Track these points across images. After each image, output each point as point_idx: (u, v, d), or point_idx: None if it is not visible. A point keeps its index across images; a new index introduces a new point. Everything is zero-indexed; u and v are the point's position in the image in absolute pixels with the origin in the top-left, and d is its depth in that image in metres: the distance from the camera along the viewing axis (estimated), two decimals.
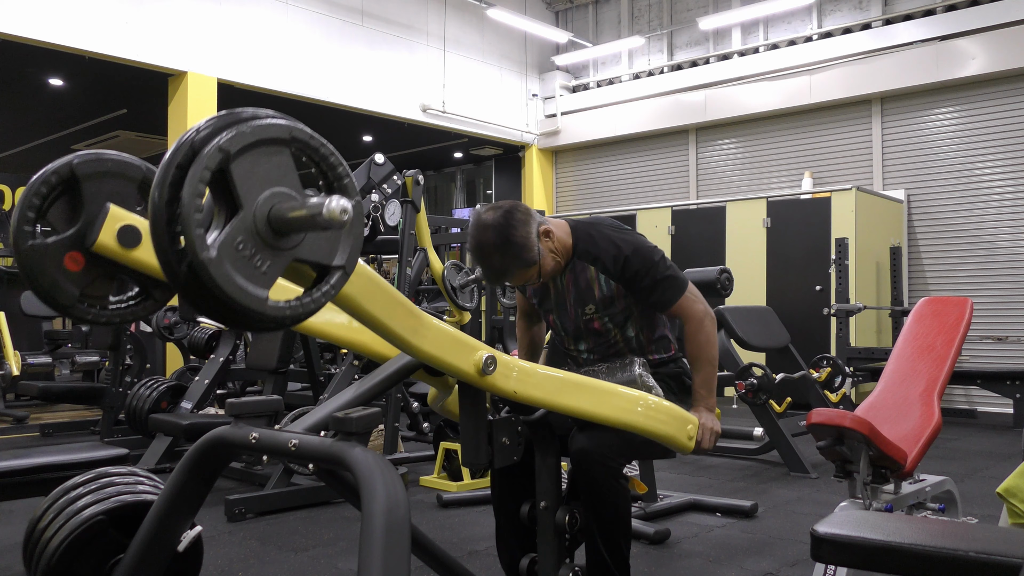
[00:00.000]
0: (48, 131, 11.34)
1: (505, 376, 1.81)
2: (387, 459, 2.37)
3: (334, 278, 1.34)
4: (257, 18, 8.36)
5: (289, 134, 1.30)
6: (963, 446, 6.03)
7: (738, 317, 5.24)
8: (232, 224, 1.24)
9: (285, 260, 1.29)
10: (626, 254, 2.35)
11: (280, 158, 1.30)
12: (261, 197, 1.26)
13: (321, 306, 1.33)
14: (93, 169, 1.69)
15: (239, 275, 1.23)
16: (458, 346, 1.74)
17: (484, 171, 13.12)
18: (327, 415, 1.86)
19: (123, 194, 1.72)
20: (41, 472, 2.44)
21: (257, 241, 1.26)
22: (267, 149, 1.28)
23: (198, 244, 1.19)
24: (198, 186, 1.20)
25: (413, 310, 1.63)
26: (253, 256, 1.25)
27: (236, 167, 1.24)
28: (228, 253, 1.22)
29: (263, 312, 1.26)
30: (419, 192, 5.09)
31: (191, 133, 1.25)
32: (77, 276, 1.65)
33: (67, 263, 1.64)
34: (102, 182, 1.69)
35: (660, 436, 2.11)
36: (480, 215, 2.27)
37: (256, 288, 1.25)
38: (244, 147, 1.25)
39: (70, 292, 1.64)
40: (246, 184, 1.25)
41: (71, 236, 1.65)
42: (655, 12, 10.79)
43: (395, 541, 1.39)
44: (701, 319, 2.35)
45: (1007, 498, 1.94)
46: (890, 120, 8.79)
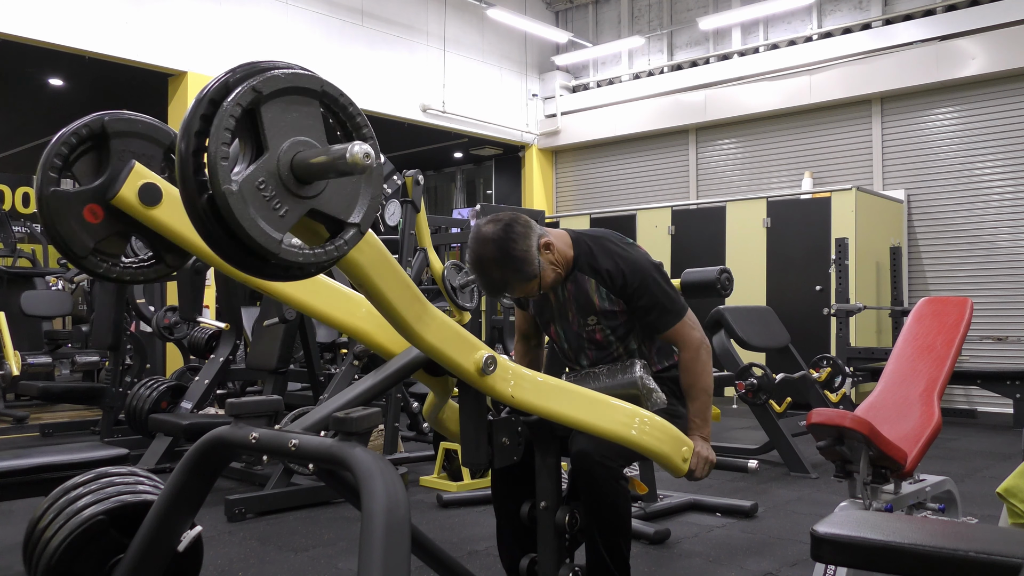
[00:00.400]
0: (48, 131, 11.31)
1: (503, 380, 1.81)
2: (387, 459, 2.37)
3: (348, 234, 1.35)
4: (257, 18, 8.36)
5: (320, 86, 1.34)
6: (963, 446, 6.03)
7: (738, 317, 5.24)
8: (256, 164, 1.26)
9: (303, 208, 1.31)
10: (624, 271, 2.32)
11: (309, 108, 1.33)
12: (286, 143, 1.28)
13: (334, 260, 1.35)
14: (124, 127, 1.72)
15: (258, 214, 1.24)
16: (460, 342, 1.74)
17: (484, 171, 13.12)
18: (327, 415, 1.86)
19: (150, 156, 1.75)
20: (41, 472, 2.44)
21: (279, 184, 1.28)
22: (298, 98, 1.31)
23: (221, 175, 1.20)
24: (228, 119, 1.22)
25: (420, 297, 1.64)
26: (273, 198, 1.27)
27: (266, 110, 1.27)
28: (249, 190, 1.24)
29: (277, 254, 1.27)
30: (419, 192, 5.09)
31: (227, 73, 1.28)
32: (94, 228, 1.67)
33: (86, 214, 1.66)
34: (130, 141, 1.72)
35: (654, 454, 2.10)
36: (480, 228, 2.23)
37: (272, 229, 1.26)
38: (276, 91, 1.28)
39: (85, 243, 1.66)
40: (274, 128, 1.28)
41: (94, 188, 1.67)
42: (655, 12, 10.79)
43: (395, 541, 1.39)
44: (697, 348, 2.33)
45: (1007, 498, 1.94)
46: (890, 120, 8.79)
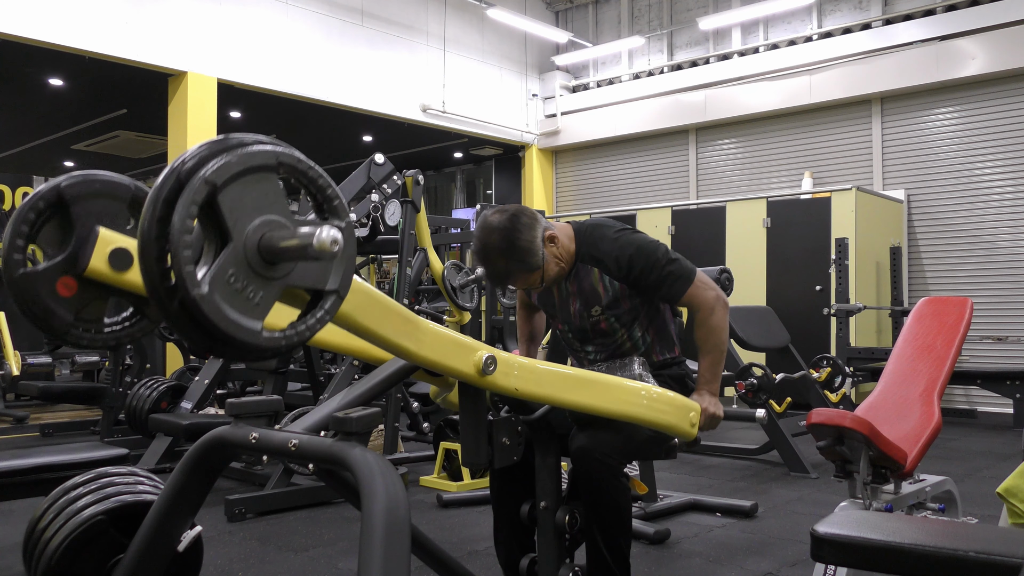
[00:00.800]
0: (48, 131, 11.34)
1: (506, 374, 1.80)
2: (387, 459, 2.37)
3: (328, 303, 1.32)
4: (257, 18, 8.36)
5: (276, 160, 1.27)
6: (963, 446, 6.03)
7: (738, 317, 5.24)
8: (222, 256, 1.21)
9: (277, 289, 1.27)
10: (629, 254, 2.35)
11: (268, 185, 1.27)
12: (251, 226, 1.23)
13: (316, 332, 1.32)
14: (81, 191, 1.65)
15: (232, 309, 1.21)
16: (457, 348, 1.73)
17: (484, 171, 13.12)
18: (327, 415, 1.86)
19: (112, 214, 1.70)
20: (41, 472, 2.44)
21: (248, 272, 1.24)
22: (254, 177, 1.25)
23: (189, 281, 1.17)
24: (186, 222, 1.17)
25: (409, 317, 1.62)
26: (245, 288, 1.23)
27: (224, 198, 1.21)
28: (220, 287, 1.20)
29: (258, 344, 1.24)
30: (419, 192, 5.09)
31: (177, 164, 1.22)
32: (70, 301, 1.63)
33: (60, 289, 1.61)
34: (91, 203, 1.66)
35: (663, 426, 2.11)
36: (487, 218, 2.28)
37: (250, 320, 1.23)
38: (231, 177, 1.21)
39: (64, 318, 1.61)
40: (235, 214, 1.22)
41: (62, 261, 1.62)
42: (655, 12, 10.79)
43: (395, 541, 1.39)
44: (712, 306, 2.35)
45: (1007, 498, 1.94)
46: (890, 120, 8.79)
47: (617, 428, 2.19)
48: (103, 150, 12.28)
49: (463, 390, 1.92)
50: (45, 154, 12.77)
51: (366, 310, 1.53)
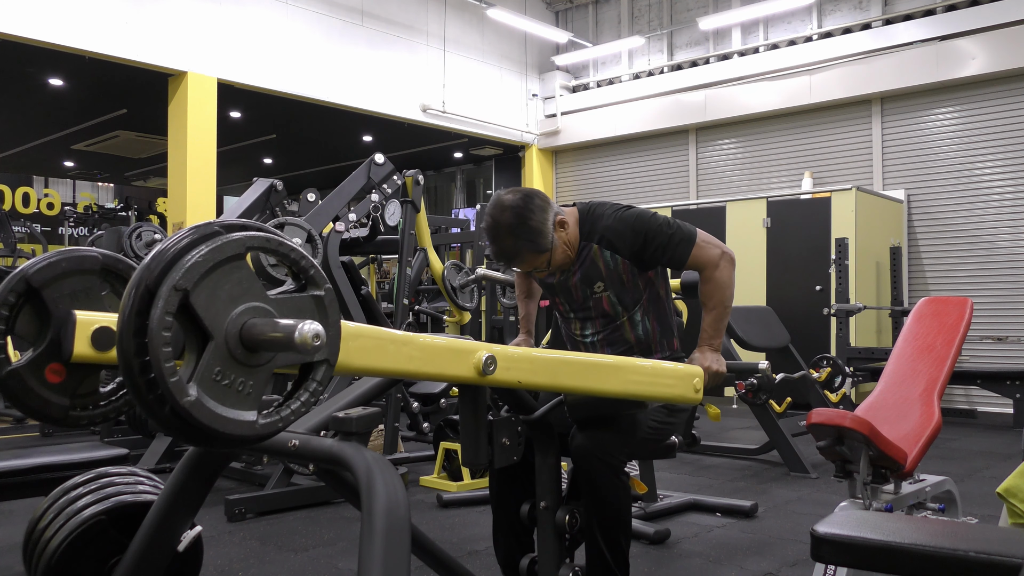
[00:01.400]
0: (48, 131, 11.34)
1: (507, 369, 1.80)
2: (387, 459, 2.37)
3: (319, 373, 1.30)
4: (257, 18, 8.36)
5: (244, 247, 1.24)
6: (963, 446, 6.03)
7: (738, 317, 5.24)
8: (206, 356, 1.20)
9: (266, 374, 1.26)
10: (631, 224, 2.37)
11: (240, 273, 1.24)
12: (229, 319, 1.21)
13: (312, 406, 1.31)
14: (48, 275, 1.63)
15: (223, 405, 1.20)
16: (455, 355, 1.71)
17: (484, 171, 13.13)
18: (327, 415, 1.86)
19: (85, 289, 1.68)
20: (41, 472, 2.44)
21: (233, 365, 1.22)
22: (225, 269, 1.22)
23: (176, 391, 1.15)
24: (163, 334, 1.15)
25: (401, 340, 1.58)
26: (234, 382, 1.22)
27: (197, 299, 1.18)
28: (208, 387, 1.18)
29: (255, 434, 1.23)
30: (419, 192, 5.09)
31: (143, 273, 1.19)
32: (62, 386, 1.61)
33: (49, 377, 1.60)
34: (61, 285, 1.65)
35: (669, 398, 2.10)
36: (500, 196, 2.31)
37: (243, 412, 1.22)
38: (200, 277, 1.18)
39: (60, 404, 1.60)
40: (211, 312, 1.20)
41: (45, 349, 1.60)
42: (655, 12, 10.79)
43: (395, 541, 1.39)
44: (716, 263, 2.35)
45: (1007, 498, 1.94)
46: (890, 120, 8.79)
47: (617, 427, 2.19)
48: (103, 150, 12.28)
49: (463, 390, 1.92)
50: (45, 154, 12.77)
51: (358, 354, 1.49)
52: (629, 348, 2.43)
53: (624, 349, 2.44)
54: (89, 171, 14.30)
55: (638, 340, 2.44)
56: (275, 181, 4.89)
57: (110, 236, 6.32)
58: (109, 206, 13.47)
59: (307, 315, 1.29)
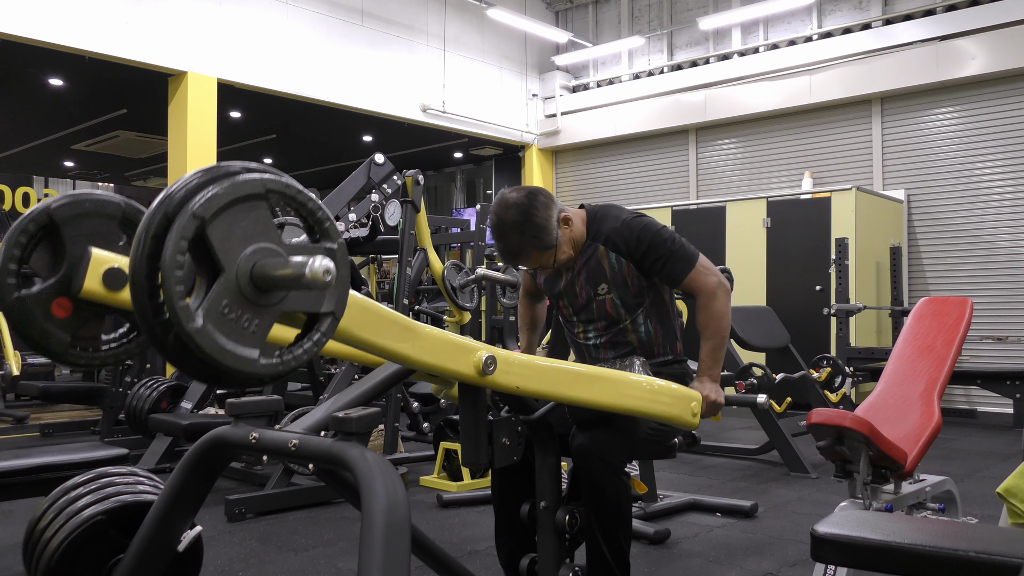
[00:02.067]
0: (48, 131, 11.34)
1: (506, 372, 1.80)
2: (387, 459, 2.37)
3: (325, 325, 1.32)
4: (257, 18, 8.36)
5: (264, 188, 1.26)
6: (963, 446, 6.03)
7: (738, 317, 5.24)
8: (215, 288, 1.21)
9: (272, 315, 1.27)
10: (637, 231, 2.38)
11: (257, 213, 1.26)
12: (242, 256, 1.23)
13: (314, 354, 1.32)
14: (71, 212, 1.65)
15: (228, 339, 1.21)
16: (456, 350, 1.73)
17: (484, 171, 13.13)
18: (327, 415, 1.86)
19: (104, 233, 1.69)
20: (41, 472, 2.44)
21: (242, 301, 1.23)
22: (243, 206, 1.24)
23: (182, 316, 1.16)
24: (176, 257, 1.16)
25: (406, 324, 1.61)
26: (240, 317, 1.23)
27: (213, 230, 1.20)
28: (214, 319, 1.20)
29: (256, 372, 1.24)
30: (419, 192, 5.09)
31: (164, 198, 1.22)
32: (66, 322, 1.62)
33: (55, 310, 1.61)
34: (81, 224, 1.66)
35: (665, 418, 2.11)
36: (505, 194, 2.33)
37: (246, 349, 1.23)
38: (219, 209, 1.21)
39: (61, 339, 1.61)
40: (226, 246, 1.22)
41: (56, 283, 1.61)
42: (655, 12, 10.79)
43: (395, 541, 1.39)
44: (713, 291, 2.36)
45: (1007, 498, 1.94)
46: (890, 120, 8.79)
47: (617, 427, 2.19)
48: (103, 150, 12.28)
49: (463, 390, 1.92)
50: (45, 154, 12.76)
51: (363, 323, 1.52)
52: (632, 350, 2.44)
53: (627, 351, 2.44)
54: (89, 171, 14.29)
55: (640, 342, 2.45)
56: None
57: None
58: None
59: None
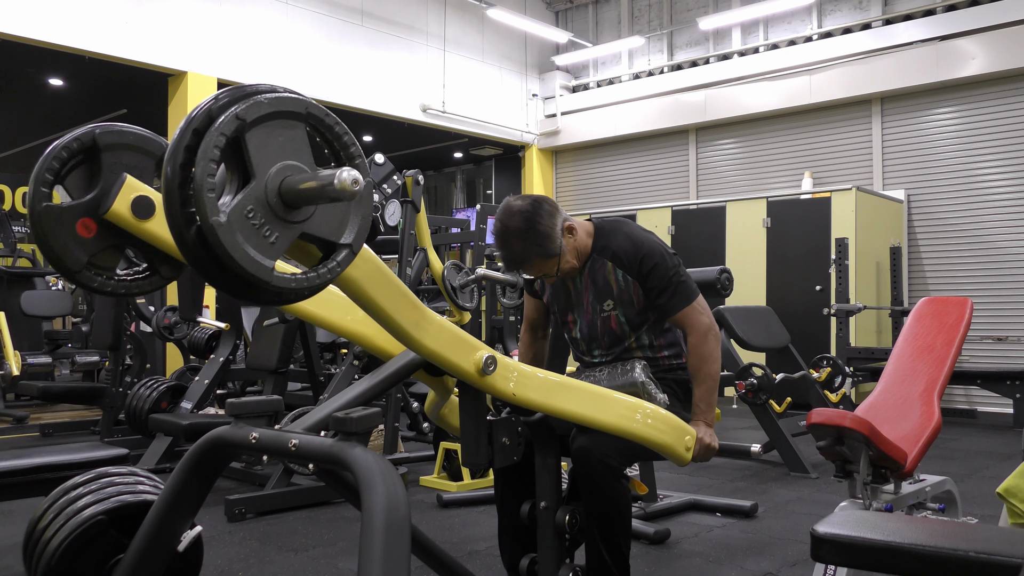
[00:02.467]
0: (48, 131, 11.34)
1: (504, 378, 1.81)
2: (387, 459, 2.37)
3: (341, 255, 1.35)
4: (257, 18, 8.36)
5: (305, 108, 1.32)
6: (963, 446, 6.03)
7: (738, 317, 5.24)
8: (244, 192, 1.25)
9: (294, 233, 1.31)
10: (644, 252, 2.38)
11: (295, 132, 1.31)
12: (274, 168, 1.27)
13: (327, 282, 1.35)
14: (114, 140, 1.71)
15: (247, 243, 1.24)
16: (459, 344, 1.74)
17: (484, 171, 13.12)
18: (327, 415, 1.86)
19: (141, 168, 1.74)
20: (41, 472, 2.44)
21: (267, 211, 1.27)
22: (283, 122, 1.29)
23: (209, 208, 1.20)
24: (213, 151, 1.21)
25: (416, 303, 1.64)
26: (263, 226, 1.27)
27: (251, 136, 1.25)
28: (238, 220, 1.23)
29: (269, 282, 1.27)
30: (419, 192, 5.09)
31: (209, 100, 1.27)
32: (88, 242, 1.67)
33: (79, 228, 1.65)
34: (122, 154, 1.72)
35: (657, 445, 2.12)
36: (509, 202, 2.34)
37: (263, 258, 1.26)
38: (260, 117, 1.26)
39: (78, 257, 1.65)
40: (260, 154, 1.27)
41: (86, 203, 1.67)
42: (655, 12, 10.79)
43: (395, 541, 1.39)
44: (705, 333, 2.36)
45: (1007, 498, 1.94)
46: (890, 120, 8.79)
47: None
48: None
49: (463, 389, 1.92)
50: None
51: (376, 283, 1.55)
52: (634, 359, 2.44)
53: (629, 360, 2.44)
54: None
55: (644, 353, 2.46)
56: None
57: None
58: None
59: None
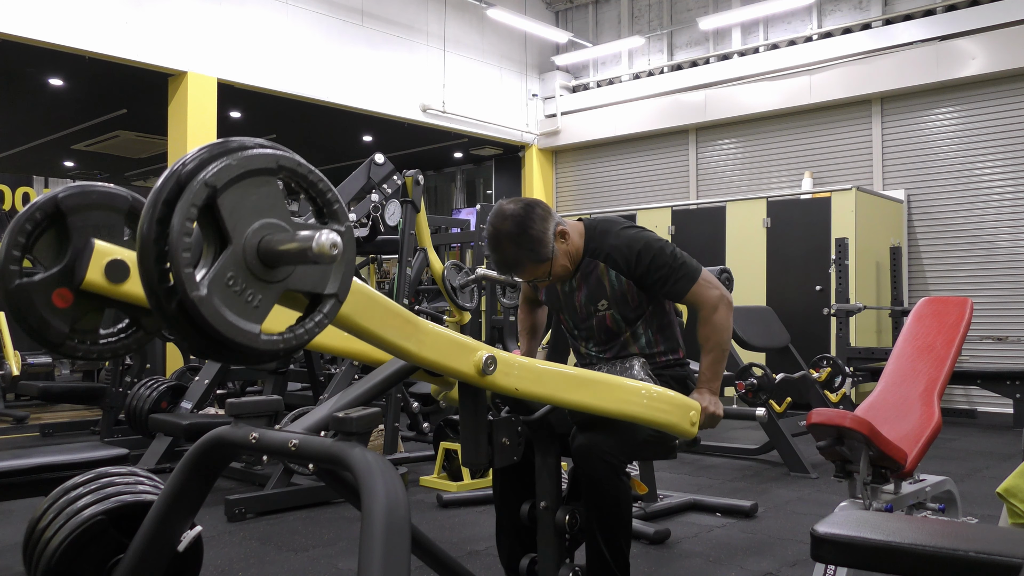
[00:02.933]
0: (48, 131, 11.34)
1: (506, 374, 1.80)
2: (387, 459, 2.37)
3: (327, 306, 1.32)
4: (257, 18, 8.36)
5: (276, 163, 1.27)
6: (963, 446, 6.03)
7: (738, 317, 5.23)
8: (222, 259, 1.22)
9: (276, 292, 1.28)
10: (638, 249, 2.37)
11: (268, 188, 1.27)
12: (250, 229, 1.24)
13: (315, 336, 1.32)
14: (78, 202, 1.65)
15: (230, 311, 1.21)
16: (457, 349, 1.73)
17: (484, 171, 13.12)
18: (327, 415, 1.86)
19: (110, 225, 1.70)
20: (41, 472, 2.44)
21: (247, 275, 1.24)
22: (254, 180, 1.25)
23: (187, 283, 1.17)
24: (185, 224, 1.17)
25: (409, 318, 1.62)
26: (244, 291, 1.23)
27: (223, 201, 1.21)
28: (218, 289, 1.20)
29: (256, 347, 1.24)
30: (419, 192, 5.09)
31: (177, 166, 1.23)
32: (66, 312, 1.62)
33: (55, 300, 1.61)
34: (88, 215, 1.67)
35: (663, 425, 2.11)
36: (502, 205, 2.33)
37: (248, 323, 1.23)
38: (231, 180, 1.22)
39: (59, 329, 1.61)
40: (235, 217, 1.22)
41: (58, 273, 1.62)
42: (655, 12, 10.78)
43: (395, 541, 1.39)
44: (715, 305, 2.36)
45: (1007, 498, 1.94)
46: (890, 120, 8.79)
47: (618, 428, 2.19)
48: (103, 150, 12.28)
49: (463, 390, 1.92)
50: (45, 154, 12.76)
51: (366, 312, 1.52)
52: (633, 358, 2.44)
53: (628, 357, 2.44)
54: (89, 171, 14.29)
55: (641, 351, 2.46)
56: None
57: None
58: None
59: None
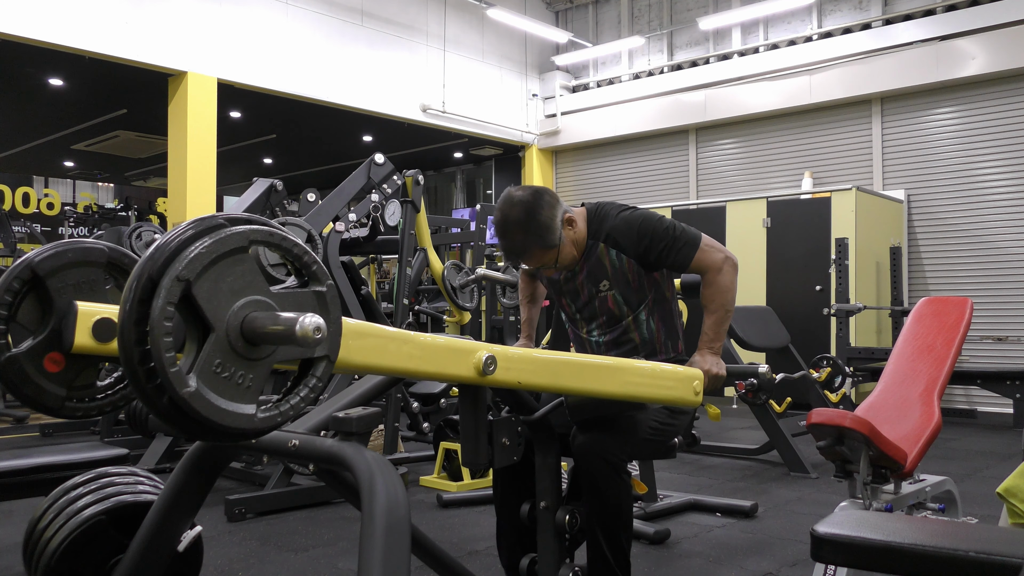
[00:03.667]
0: (48, 131, 11.34)
1: (507, 369, 1.80)
2: (387, 459, 2.37)
3: (319, 369, 1.30)
4: (257, 18, 8.36)
5: (247, 240, 1.24)
6: (963, 446, 6.03)
7: (738, 317, 5.23)
8: (206, 348, 1.20)
9: (266, 368, 1.26)
10: (637, 226, 2.39)
11: (243, 266, 1.24)
12: (231, 311, 1.22)
13: (312, 401, 1.31)
14: (54, 264, 1.64)
15: (223, 398, 1.20)
16: (455, 355, 1.71)
17: (484, 171, 13.12)
18: (327, 415, 1.86)
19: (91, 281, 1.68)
20: (41, 472, 2.44)
21: (234, 357, 1.22)
22: (227, 261, 1.22)
23: (175, 381, 1.15)
24: (164, 324, 1.15)
25: (403, 338, 1.58)
26: (234, 375, 1.22)
27: (199, 290, 1.19)
28: (207, 379, 1.18)
29: (253, 428, 1.23)
30: (419, 192, 5.09)
31: (146, 263, 1.20)
32: (60, 376, 1.61)
33: (47, 365, 1.60)
34: (66, 274, 1.65)
35: (668, 400, 2.11)
36: (511, 192, 2.34)
37: (242, 406, 1.22)
38: (203, 269, 1.19)
39: (57, 394, 1.60)
40: (213, 304, 1.20)
41: (46, 338, 1.60)
42: (655, 12, 10.78)
43: (395, 541, 1.39)
44: (720, 267, 2.37)
45: (1007, 498, 1.94)
46: (890, 120, 8.79)
47: (618, 427, 2.19)
48: (103, 150, 12.28)
49: (463, 390, 1.91)
50: (45, 154, 12.77)
51: (359, 350, 1.49)
52: (634, 348, 2.45)
53: (629, 349, 2.45)
54: (89, 171, 14.30)
55: (643, 341, 2.45)
56: (275, 181, 4.89)
57: (110, 236, 6.32)
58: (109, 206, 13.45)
59: (309, 310, 1.28)
